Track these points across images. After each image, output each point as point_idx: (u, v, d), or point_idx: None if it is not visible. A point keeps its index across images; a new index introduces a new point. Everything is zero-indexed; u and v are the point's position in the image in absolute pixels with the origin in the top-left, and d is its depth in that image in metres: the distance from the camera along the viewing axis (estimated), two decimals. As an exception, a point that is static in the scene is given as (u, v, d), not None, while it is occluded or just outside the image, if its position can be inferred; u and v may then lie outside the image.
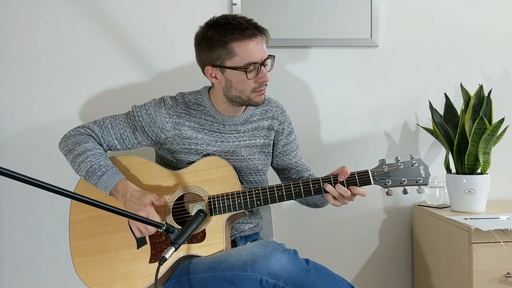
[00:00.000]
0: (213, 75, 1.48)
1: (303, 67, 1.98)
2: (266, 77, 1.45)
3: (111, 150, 1.56)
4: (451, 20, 2.02)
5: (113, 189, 1.43)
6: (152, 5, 1.92)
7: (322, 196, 1.50)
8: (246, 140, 1.58)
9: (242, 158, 1.56)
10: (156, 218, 1.38)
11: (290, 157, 1.66)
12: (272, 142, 1.63)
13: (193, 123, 1.53)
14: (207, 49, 1.45)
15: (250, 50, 1.41)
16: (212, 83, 1.54)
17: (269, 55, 1.47)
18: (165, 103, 1.53)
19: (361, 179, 1.42)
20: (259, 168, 1.61)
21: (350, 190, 1.41)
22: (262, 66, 1.45)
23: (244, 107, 1.57)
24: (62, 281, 1.91)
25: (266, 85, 1.48)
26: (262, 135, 1.60)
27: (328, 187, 1.42)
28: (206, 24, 1.47)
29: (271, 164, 1.69)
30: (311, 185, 1.44)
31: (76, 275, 1.47)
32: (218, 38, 1.41)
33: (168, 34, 1.93)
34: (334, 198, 1.43)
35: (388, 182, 1.43)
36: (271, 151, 1.64)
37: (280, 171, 1.69)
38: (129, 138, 1.54)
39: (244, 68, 1.42)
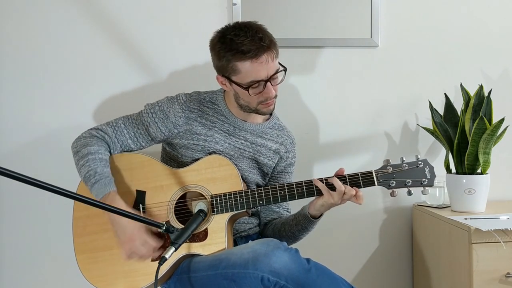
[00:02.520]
0: (223, 82, 1.50)
1: (303, 67, 1.98)
2: (271, 93, 1.45)
3: (125, 151, 1.55)
4: (451, 20, 2.02)
5: (102, 200, 1.40)
6: (149, 5, 1.91)
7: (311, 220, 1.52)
8: (251, 152, 1.58)
9: (242, 168, 1.56)
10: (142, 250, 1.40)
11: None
12: (274, 165, 1.64)
13: (204, 120, 1.54)
14: (216, 59, 1.46)
15: (253, 69, 1.40)
16: None
17: (281, 65, 1.45)
18: (178, 99, 1.55)
19: (364, 180, 1.42)
20: (255, 184, 1.62)
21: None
22: (269, 82, 1.43)
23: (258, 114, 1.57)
24: (65, 277, 1.90)
25: (275, 96, 1.48)
26: (268, 155, 1.60)
27: (336, 182, 1.42)
28: (218, 33, 1.46)
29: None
30: (313, 184, 1.44)
31: (79, 272, 1.47)
32: (223, 54, 1.42)
33: (167, 35, 1.92)
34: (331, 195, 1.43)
35: (392, 183, 1.42)
36: (269, 172, 1.64)
37: None
38: (143, 136, 1.54)
39: (247, 87, 1.42)
